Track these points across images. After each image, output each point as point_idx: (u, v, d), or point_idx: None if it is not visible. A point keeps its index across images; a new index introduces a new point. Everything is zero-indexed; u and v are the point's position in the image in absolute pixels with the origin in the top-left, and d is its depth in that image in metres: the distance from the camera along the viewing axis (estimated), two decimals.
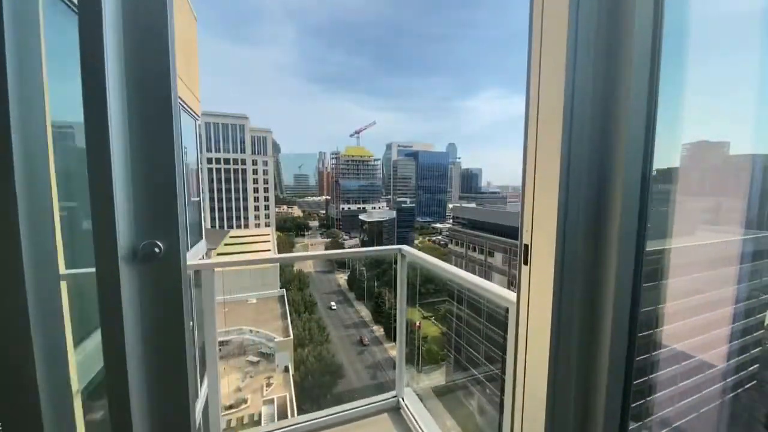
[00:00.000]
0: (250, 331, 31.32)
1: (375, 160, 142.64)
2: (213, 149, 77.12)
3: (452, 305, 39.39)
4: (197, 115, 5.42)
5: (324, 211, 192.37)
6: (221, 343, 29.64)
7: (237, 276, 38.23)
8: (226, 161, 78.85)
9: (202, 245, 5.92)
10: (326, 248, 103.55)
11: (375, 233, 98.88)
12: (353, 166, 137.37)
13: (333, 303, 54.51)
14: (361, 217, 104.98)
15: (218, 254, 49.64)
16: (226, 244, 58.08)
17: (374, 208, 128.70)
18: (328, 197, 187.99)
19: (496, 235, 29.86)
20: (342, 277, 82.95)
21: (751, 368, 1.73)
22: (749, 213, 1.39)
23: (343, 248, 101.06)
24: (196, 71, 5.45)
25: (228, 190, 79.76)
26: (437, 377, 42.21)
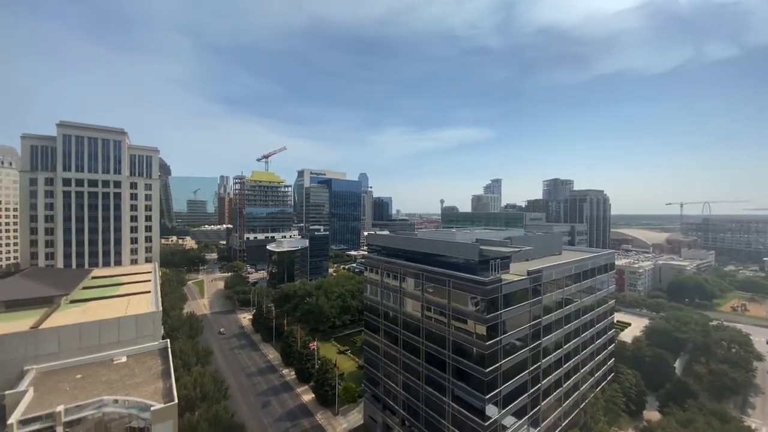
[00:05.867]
0: (115, 401, 24.02)
1: (286, 186, 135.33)
2: (73, 168, 61.52)
3: (369, 335, 38.25)
4: None
5: (225, 242, 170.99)
6: (68, 424, 21.59)
7: (97, 329, 29.65)
8: (92, 183, 63.53)
9: None
10: (226, 284, 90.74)
11: (286, 264, 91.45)
12: (261, 192, 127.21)
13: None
14: (270, 247, 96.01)
15: (71, 301, 38.16)
16: (85, 288, 45.32)
17: (284, 236, 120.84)
18: (229, 226, 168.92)
19: (409, 261, 30.36)
20: (246, 317, 73.25)
21: None
22: None
23: (248, 283, 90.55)
24: None
25: (93, 219, 63.77)
26: (355, 416, 39.56)
